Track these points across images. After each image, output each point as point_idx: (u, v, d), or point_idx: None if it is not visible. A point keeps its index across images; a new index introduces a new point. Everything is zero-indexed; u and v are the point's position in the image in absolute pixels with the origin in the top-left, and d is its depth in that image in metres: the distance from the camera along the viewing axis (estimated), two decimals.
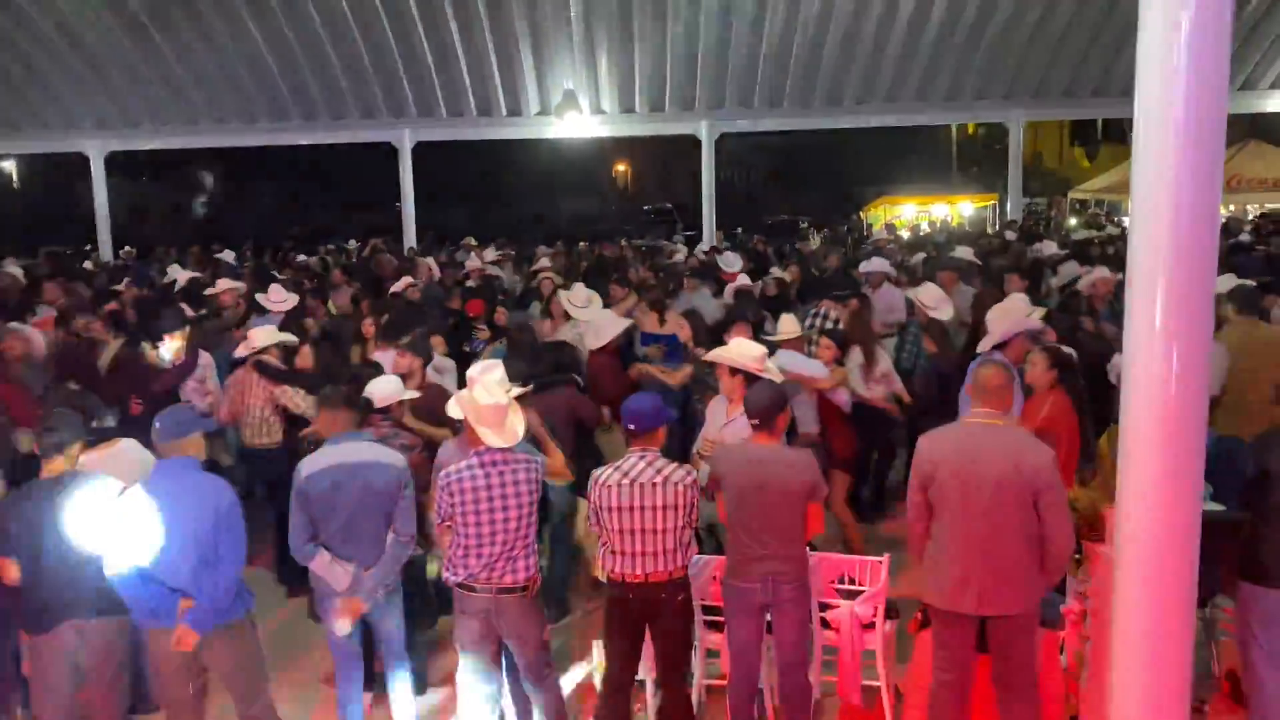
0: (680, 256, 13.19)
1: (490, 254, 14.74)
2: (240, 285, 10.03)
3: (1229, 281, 7.86)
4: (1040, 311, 6.75)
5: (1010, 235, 15.88)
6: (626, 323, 7.56)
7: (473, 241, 17.75)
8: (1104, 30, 16.36)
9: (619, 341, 7.29)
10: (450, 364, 7.15)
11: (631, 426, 4.41)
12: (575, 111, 17.36)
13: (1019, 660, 4.21)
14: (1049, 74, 17.69)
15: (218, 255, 16.18)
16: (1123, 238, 11.59)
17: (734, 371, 5.43)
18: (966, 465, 4.11)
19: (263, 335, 6.85)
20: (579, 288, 8.59)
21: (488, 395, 4.43)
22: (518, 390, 4.80)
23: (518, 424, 4.46)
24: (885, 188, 29.70)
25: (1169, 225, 3.52)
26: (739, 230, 20.94)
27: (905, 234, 21.70)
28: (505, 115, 17.52)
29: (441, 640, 5.63)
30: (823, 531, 4.60)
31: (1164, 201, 3.51)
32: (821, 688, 5.00)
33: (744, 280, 9.94)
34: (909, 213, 25.46)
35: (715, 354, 5.69)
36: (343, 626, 4.58)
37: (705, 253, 14.55)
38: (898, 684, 4.93)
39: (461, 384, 4.92)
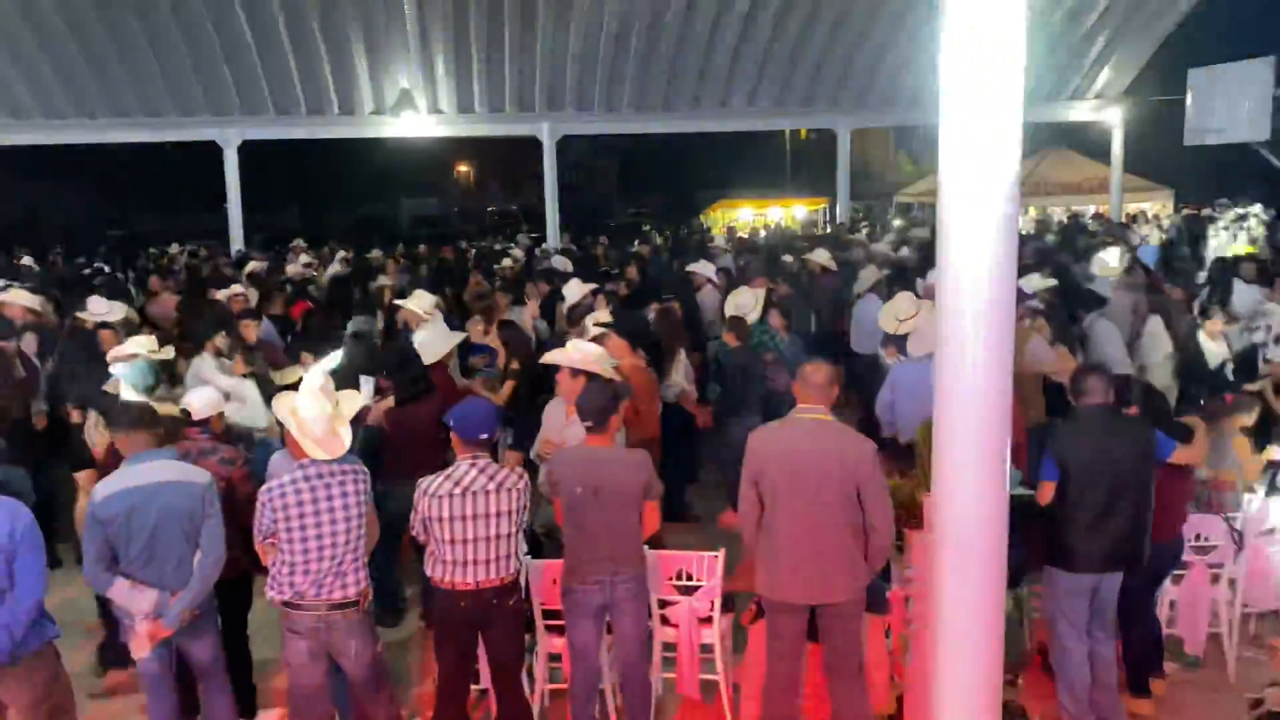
0: (509, 261, 13.02)
1: (305, 257, 14.25)
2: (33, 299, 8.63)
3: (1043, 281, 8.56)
4: None
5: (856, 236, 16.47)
6: (459, 337, 7.35)
7: (302, 244, 17.11)
8: (921, 42, 17.26)
9: (452, 357, 7.10)
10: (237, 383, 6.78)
11: (458, 434, 4.32)
12: (412, 111, 17.03)
13: (847, 646, 4.36)
14: (872, 82, 18.52)
15: (20, 261, 15.00)
16: None
17: (575, 373, 5.41)
18: (794, 460, 4.24)
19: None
20: (422, 294, 8.30)
21: (312, 405, 4.25)
22: (361, 400, 4.64)
23: (345, 434, 4.31)
24: (725, 191, 30.40)
25: (972, 229, 3.70)
26: (592, 236, 20.96)
27: (745, 236, 22.24)
28: (338, 114, 16.99)
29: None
30: (658, 530, 4.63)
31: (967, 206, 3.70)
32: (662, 684, 5.04)
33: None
34: (747, 215, 26.18)
35: (553, 355, 5.66)
36: (140, 649, 4.30)
37: (537, 256, 14.54)
38: (735, 677, 5.02)
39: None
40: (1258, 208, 15.84)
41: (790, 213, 26.92)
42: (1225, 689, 5.19)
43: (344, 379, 5.17)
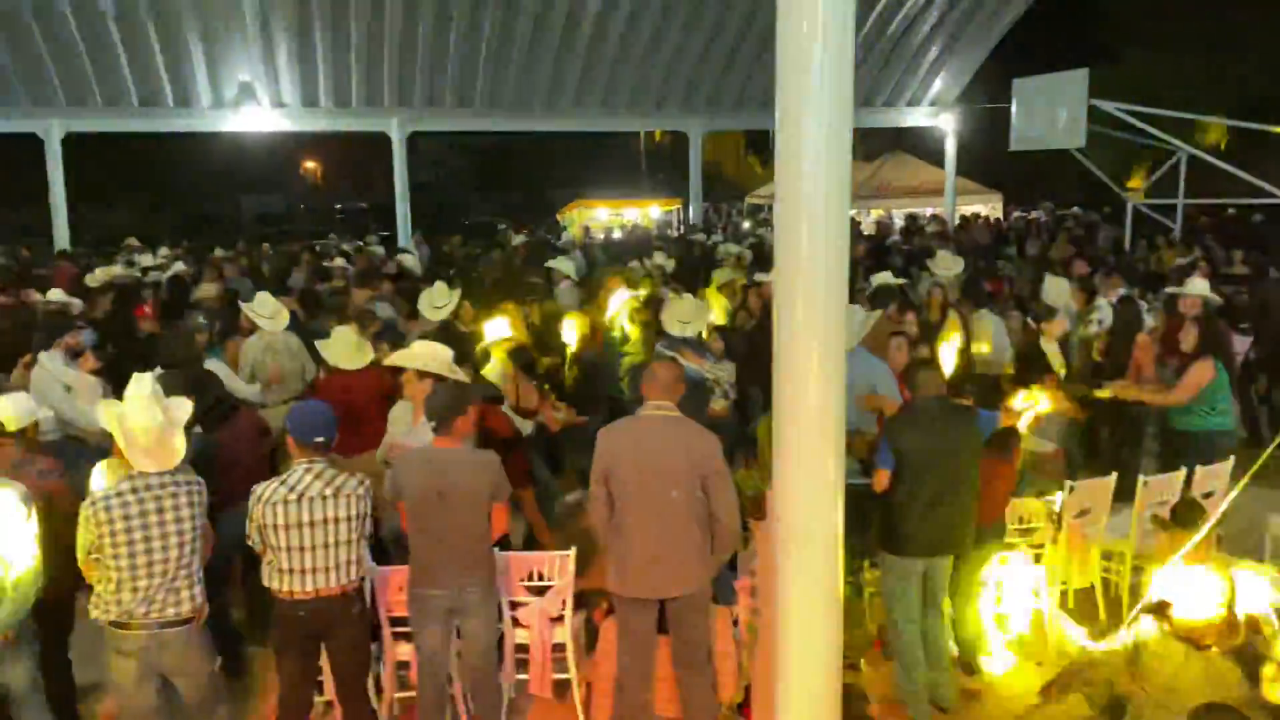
0: (341, 261, 12.62)
1: (147, 258, 13.49)
2: None
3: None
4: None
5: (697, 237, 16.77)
6: (368, 351, 7.01)
7: (135, 242, 16.19)
8: (769, 46, 17.71)
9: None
10: (88, 381, 6.42)
11: (294, 438, 4.19)
12: (253, 105, 16.36)
13: (695, 638, 4.45)
14: (722, 86, 18.92)
15: None
16: None
17: (422, 375, 5.31)
18: (642, 456, 4.29)
19: None
20: (264, 297, 7.94)
21: (140, 413, 4.04)
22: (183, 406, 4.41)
23: (178, 443, 4.11)
24: (581, 191, 30.46)
25: (807, 230, 3.83)
26: (446, 234, 20.58)
27: (602, 235, 22.36)
28: (173, 107, 16.16)
29: None
30: (506, 531, 4.61)
31: (802, 208, 3.82)
32: (514, 686, 5.02)
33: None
34: (603, 216, 26.33)
35: (398, 357, 5.55)
36: None
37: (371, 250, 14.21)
38: (588, 674, 5.04)
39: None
40: (1076, 209, 17.00)
41: (645, 213, 27.22)
42: (1047, 663, 5.53)
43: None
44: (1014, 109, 15.98)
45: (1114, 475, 6.04)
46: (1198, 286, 7.87)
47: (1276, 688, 3.33)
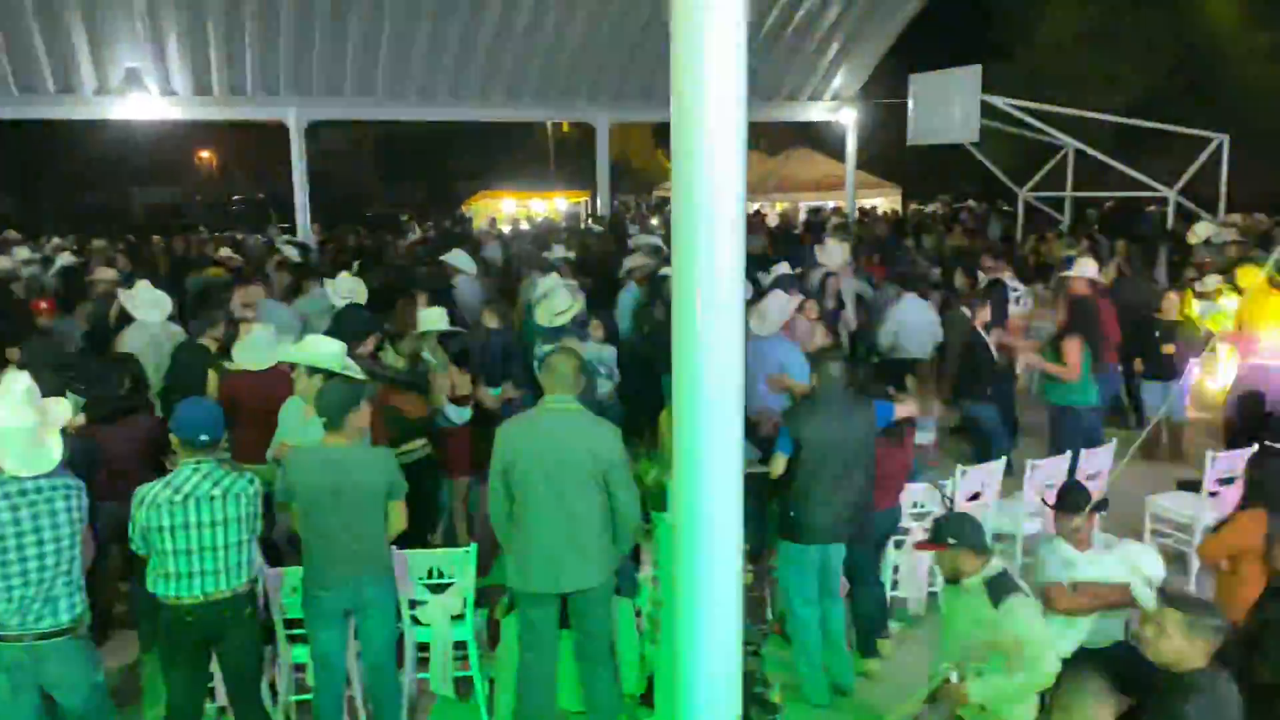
0: (226, 251, 12.25)
1: (24, 251, 12.86)
2: None
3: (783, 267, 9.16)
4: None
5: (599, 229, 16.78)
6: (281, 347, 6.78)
7: (14, 235, 15.44)
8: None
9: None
10: None
11: (178, 436, 4.04)
12: (141, 92, 15.72)
13: (598, 631, 4.45)
14: (629, 77, 18.91)
15: None
16: None
17: (312, 371, 5.18)
18: (542, 450, 4.26)
19: None
20: (143, 285, 7.64)
21: (12, 414, 3.84)
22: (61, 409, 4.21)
23: (54, 446, 3.92)
24: (488, 183, 30.15)
25: (703, 222, 3.84)
26: (348, 225, 20.11)
27: (507, 228, 22.15)
28: (55, 93, 15.41)
29: None
30: (405, 528, 4.53)
31: (697, 200, 3.83)
32: (416, 685, 4.95)
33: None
34: (509, 207, 26.10)
35: (287, 352, 5.40)
36: None
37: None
38: (491, 671, 5.00)
39: None
40: (971, 202, 17.54)
41: (553, 205, 27.09)
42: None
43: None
44: (911, 104, 16.37)
45: (1004, 460, 6.26)
46: (1086, 269, 8.22)
47: (1153, 646, 3.47)
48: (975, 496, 6.09)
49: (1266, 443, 6.01)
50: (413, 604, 4.84)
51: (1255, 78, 19.40)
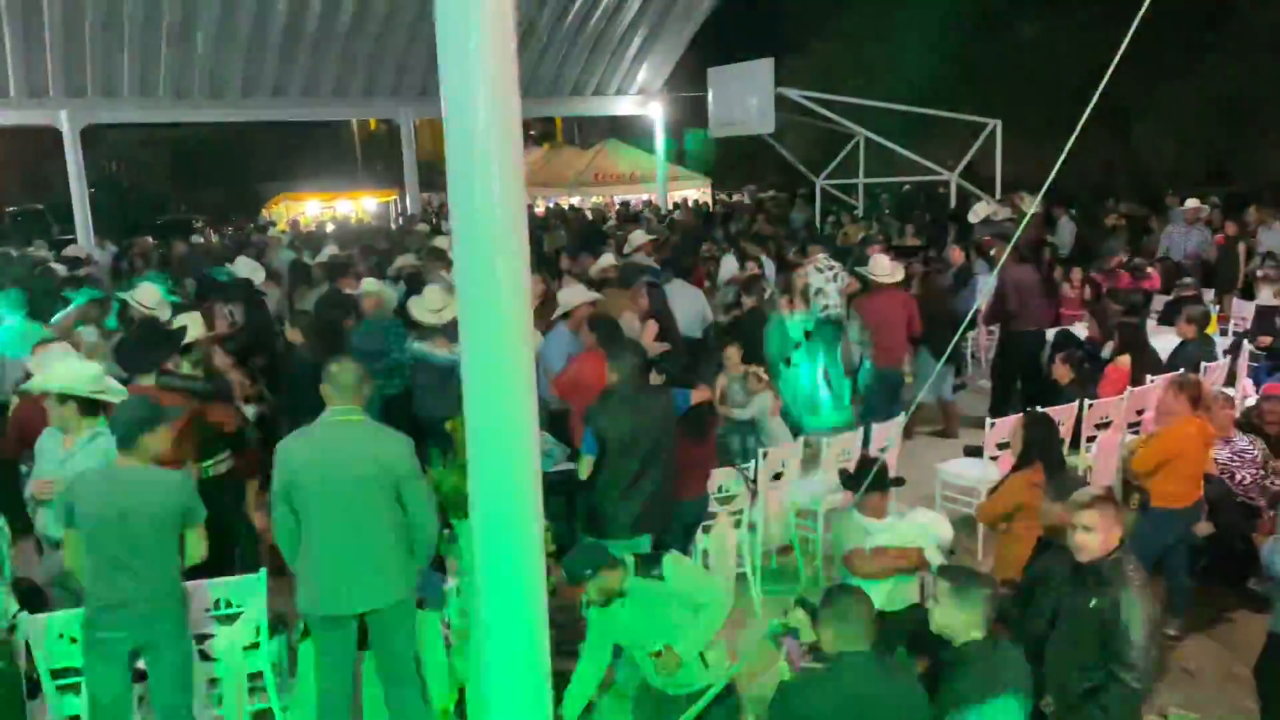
0: None
1: None
2: None
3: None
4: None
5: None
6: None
7: None
8: None
9: None
10: None
11: None
12: None
13: (400, 650, 4.29)
14: (433, 72, 18.44)
15: None
16: None
17: (64, 398, 4.70)
18: (326, 466, 4.06)
19: None
20: None
21: None
22: None
23: None
24: (289, 184, 28.90)
25: (482, 218, 3.74)
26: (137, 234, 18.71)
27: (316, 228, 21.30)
28: None
29: None
30: (205, 557, 4.21)
31: (475, 196, 3.73)
32: None
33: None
34: (313, 209, 25.07)
35: (37, 382, 4.92)
36: None
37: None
38: (288, 700, 4.75)
39: None
40: (773, 191, 18.14)
41: (360, 205, 26.22)
42: (753, 624, 5.82)
43: None
44: (710, 97, 16.74)
45: (801, 440, 6.46)
46: (875, 265, 8.62)
47: (933, 617, 3.65)
48: (778, 476, 6.26)
49: (1035, 407, 6.44)
50: (201, 638, 4.52)
51: (1022, 66, 20.93)
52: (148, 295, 7.46)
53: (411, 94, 18.50)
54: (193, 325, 6.14)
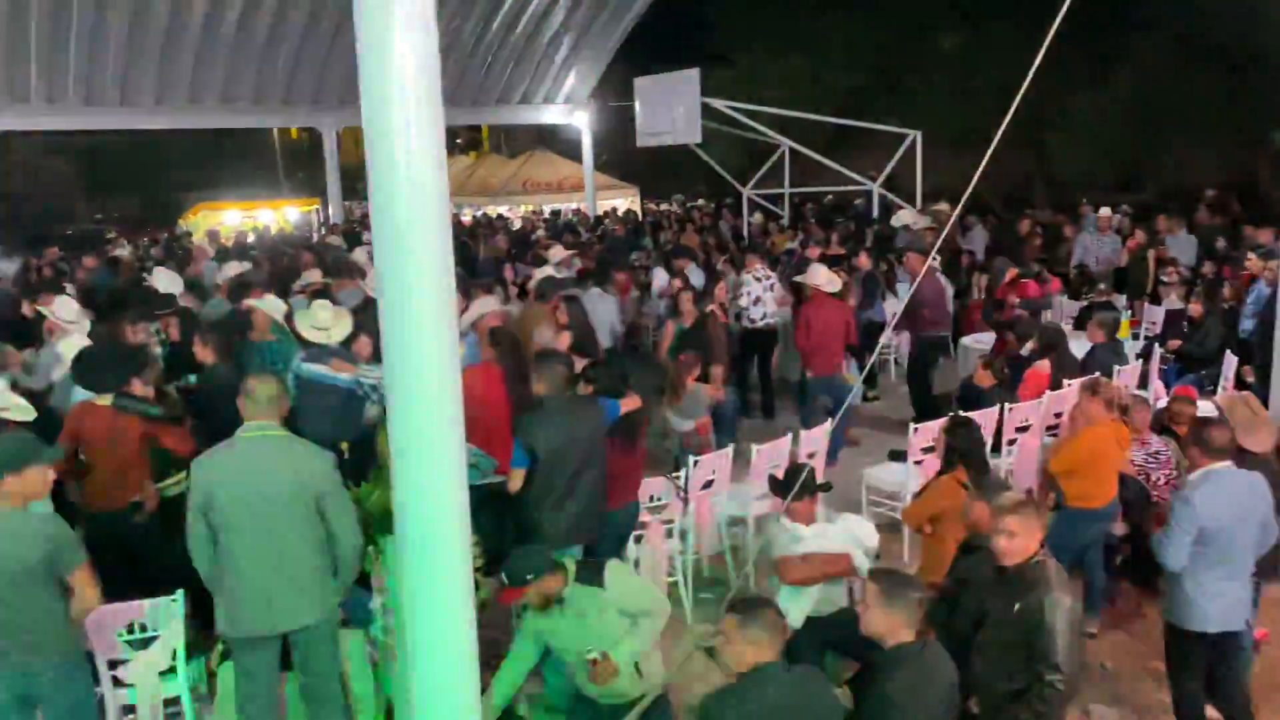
0: None
1: None
2: None
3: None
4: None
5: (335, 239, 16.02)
6: None
7: None
8: None
9: None
10: None
11: None
12: None
13: (324, 670, 4.19)
14: (355, 79, 18.19)
15: None
16: None
17: None
18: (245, 483, 3.95)
19: None
20: None
21: None
22: None
23: None
24: (208, 193, 28.19)
25: (406, 228, 3.68)
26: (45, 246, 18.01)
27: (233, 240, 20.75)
28: None
29: None
30: (98, 603, 3.92)
31: (398, 208, 3.67)
32: None
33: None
34: (233, 219, 24.46)
35: None
36: None
37: None
38: None
39: None
40: (700, 201, 18.25)
41: (282, 214, 25.66)
42: (685, 630, 5.82)
43: None
44: (637, 107, 16.78)
45: (730, 447, 6.48)
46: (815, 275, 8.73)
47: (863, 620, 3.68)
48: (709, 484, 6.27)
49: (960, 412, 6.56)
50: (113, 664, 4.35)
51: (942, 79, 21.43)
52: (65, 309, 7.18)
53: (333, 102, 18.19)
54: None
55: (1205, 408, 6.71)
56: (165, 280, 9.04)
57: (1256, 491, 4.41)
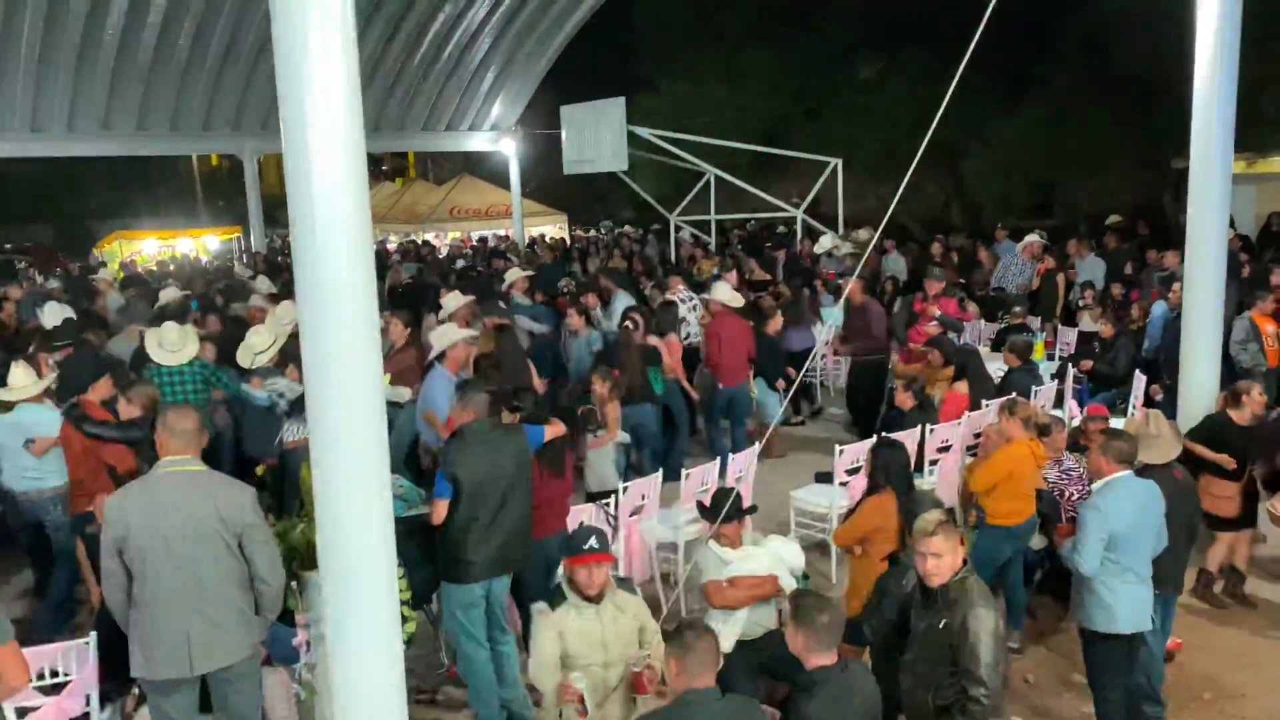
0: None
1: None
2: None
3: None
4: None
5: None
6: None
7: None
8: None
9: None
10: None
11: None
12: None
13: (244, 711, 4.07)
14: (274, 106, 17.96)
15: None
16: None
17: None
18: (161, 520, 3.82)
19: None
20: None
21: None
22: None
23: None
24: (124, 221, 27.43)
25: (327, 257, 3.65)
26: None
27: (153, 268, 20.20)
28: None
29: None
30: (25, 686, 3.53)
31: (319, 235, 3.63)
32: None
33: None
34: (151, 247, 23.80)
35: None
36: None
37: None
38: None
39: None
40: (628, 227, 18.34)
41: (202, 243, 25.07)
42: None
43: None
44: (564, 135, 16.86)
45: (660, 471, 6.51)
46: (720, 291, 8.96)
47: (788, 642, 3.71)
48: (638, 510, 6.27)
49: (883, 434, 6.68)
50: (22, 712, 4.17)
51: (861, 107, 21.91)
52: None
53: (254, 128, 17.90)
54: (24, 376, 5.76)
55: (1116, 426, 6.94)
56: (54, 314, 8.81)
57: (1154, 497, 4.63)
